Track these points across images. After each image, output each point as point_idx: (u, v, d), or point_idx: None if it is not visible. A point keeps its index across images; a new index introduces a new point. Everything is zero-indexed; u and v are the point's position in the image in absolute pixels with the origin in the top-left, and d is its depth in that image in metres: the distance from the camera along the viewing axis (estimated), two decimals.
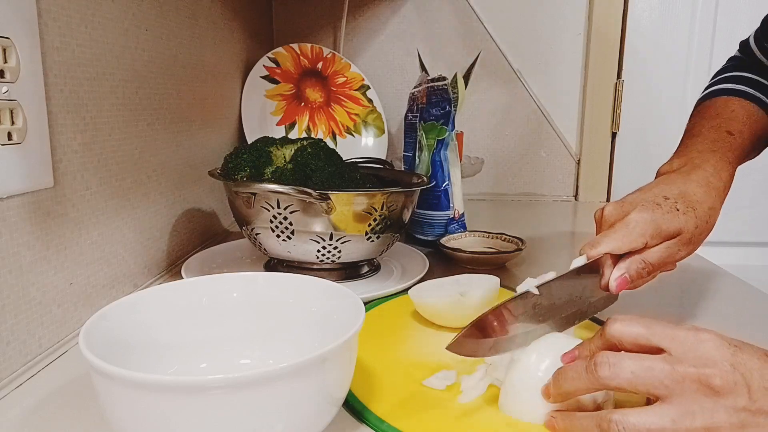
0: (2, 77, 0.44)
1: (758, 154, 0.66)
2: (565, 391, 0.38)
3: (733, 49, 0.72)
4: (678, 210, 0.49)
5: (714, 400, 0.34)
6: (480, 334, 0.43)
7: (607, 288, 0.48)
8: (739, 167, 0.60)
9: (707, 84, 0.70)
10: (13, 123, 0.45)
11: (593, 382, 0.37)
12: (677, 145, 0.62)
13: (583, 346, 0.41)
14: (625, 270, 0.48)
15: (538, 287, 0.45)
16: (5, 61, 0.44)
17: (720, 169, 0.54)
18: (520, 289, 0.46)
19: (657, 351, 0.36)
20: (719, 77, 0.68)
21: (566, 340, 0.43)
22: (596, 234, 0.52)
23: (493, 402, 0.43)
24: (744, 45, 0.70)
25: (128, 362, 0.36)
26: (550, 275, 0.46)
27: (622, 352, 0.37)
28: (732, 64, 0.70)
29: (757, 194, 1.35)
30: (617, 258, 0.49)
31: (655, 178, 0.57)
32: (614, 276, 0.48)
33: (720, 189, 0.53)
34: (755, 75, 0.66)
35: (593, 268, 0.48)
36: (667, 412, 0.34)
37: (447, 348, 0.42)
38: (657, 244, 0.49)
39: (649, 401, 0.37)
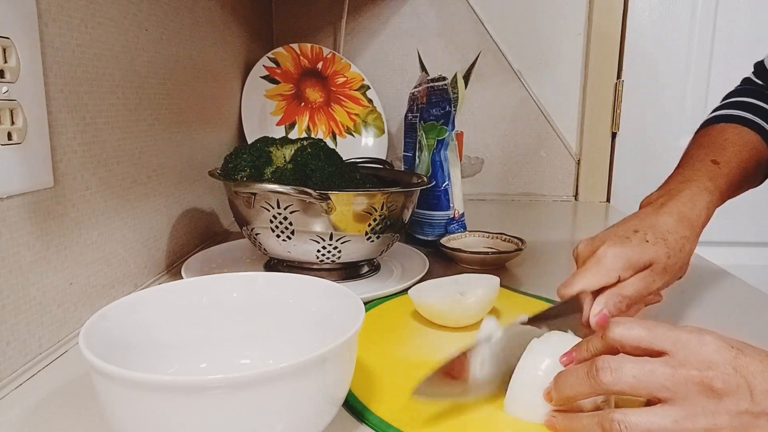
0: (2, 77, 0.44)
1: (760, 183, 0.65)
2: (567, 395, 0.38)
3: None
4: (648, 241, 0.50)
5: (716, 402, 0.34)
6: (449, 377, 0.41)
7: (588, 324, 0.49)
8: None
9: (718, 104, 0.69)
10: (13, 123, 0.45)
11: (595, 387, 0.37)
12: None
13: (580, 347, 0.41)
14: (603, 305, 0.48)
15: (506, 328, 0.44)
16: (5, 61, 0.44)
17: (695, 198, 0.54)
18: (484, 329, 0.45)
19: (659, 354, 0.36)
20: (725, 102, 0.68)
21: (567, 340, 0.43)
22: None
23: (494, 401, 0.43)
24: (759, 66, 0.70)
25: (128, 362, 0.36)
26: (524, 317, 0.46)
27: (623, 355, 0.37)
28: (742, 87, 0.70)
29: (757, 195, 1.35)
30: (596, 294, 0.49)
31: (639, 208, 0.57)
32: (593, 312, 0.48)
33: (693, 218, 0.53)
34: (764, 102, 0.65)
35: (574, 306, 0.49)
36: (669, 413, 0.34)
37: (413, 394, 0.39)
38: (630, 277, 0.49)
39: (649, 403, 0.37)
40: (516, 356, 0.43)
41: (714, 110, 0.68)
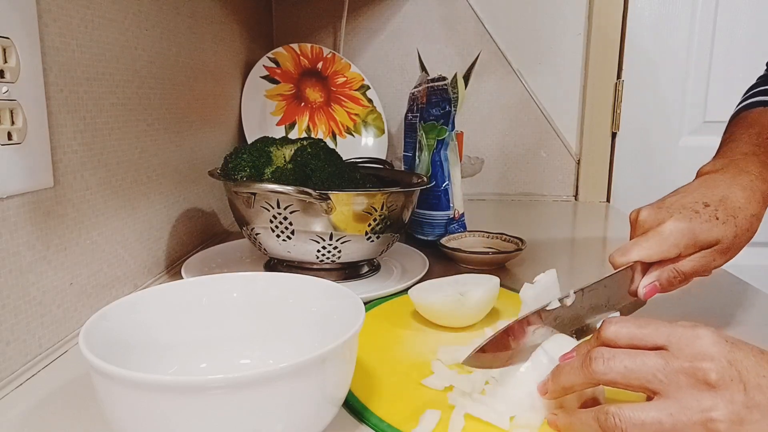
0: (2, 77, 0.44)
1: None
2: (562, 386, 0.39)
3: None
4: (717, 219, 0.47)
5: (711, 395, 0.34)
6: (497, 348, 0.42)
7: (635, 294, 0.47)
8: None
9: (740, 99, 0.68)
10: (13, 123, 0.45)
11: (588, 376, 0.37)
12: (716, 150, 0.59)
13: (580, 347, 0.41)
14: (656, 278, 0.47)
15: (560, 299, 0.44)
16: (5, 61, 0.44)
17: (764, 171, 0.52)
18: (527, 291, 0.45)
19: (655, 349, 0.36)
20: (752, 92, 0.66)
21: (570, 342, 0.43)
22: (630, 237, 0.51)
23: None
24: None
25: (128, 362, 0.36)
26: (551, 273, 0.45)
27: (618, 348, 0.37)
28: (763, 80, 0.68)
29: None
30: (648, 264, 0.48)
31: (696, 177, 0.55)
32: (644, 283, 0.47)
33: (766, 192, 0.51)
34: None
35: (623, 273, 0.47)
36: (664, 406, 0.34)
37: (463, 363, 0.41)
38: (692, 253, 0.48)
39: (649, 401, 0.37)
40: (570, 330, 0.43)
41: (743, 99, 0.67)
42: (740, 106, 0.66)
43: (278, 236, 0.64)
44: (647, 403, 0.35)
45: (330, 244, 0.64)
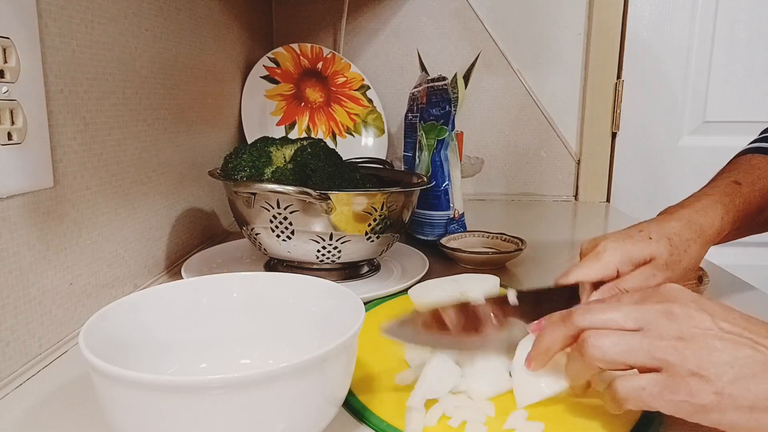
0: (2, 77, 0.44)
1: None
2: (546, 346, 0.41)
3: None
4: (651, 238, 0.51)
5: (679, 321, 0.36)
6: (426, 325, 0.44)
7: None
8: None
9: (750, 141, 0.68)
10: (13, 123, 0.45)
11: (571, 328, 0.39)
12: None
13: (550, 316, 0.43)
14: (600, 296, 0.49)
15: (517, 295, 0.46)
16: (5, 61, 0.44)
17: (707, 208, 0.54)
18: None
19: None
20: (760, 136, 0.67)
21: None
22: None
23: (494, 398, 0.43)
24: None
25: (128, 362, 0.36)
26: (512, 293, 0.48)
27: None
28: None
29: None
30: (595, 287, 0.50)
31: None
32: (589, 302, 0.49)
33: (703, 224, 0.53)
34: None
35: (568, 293, 0.50)
36: (637, 333, 0.37)
37: (382, 332, 0.43)
38: (630, 272, 0.50)
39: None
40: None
41: (751, 142, 0.67)
42: (743, 149, 0.66)
43: (278, 236, 0.64)
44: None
45: (330, 244, 0.64)
